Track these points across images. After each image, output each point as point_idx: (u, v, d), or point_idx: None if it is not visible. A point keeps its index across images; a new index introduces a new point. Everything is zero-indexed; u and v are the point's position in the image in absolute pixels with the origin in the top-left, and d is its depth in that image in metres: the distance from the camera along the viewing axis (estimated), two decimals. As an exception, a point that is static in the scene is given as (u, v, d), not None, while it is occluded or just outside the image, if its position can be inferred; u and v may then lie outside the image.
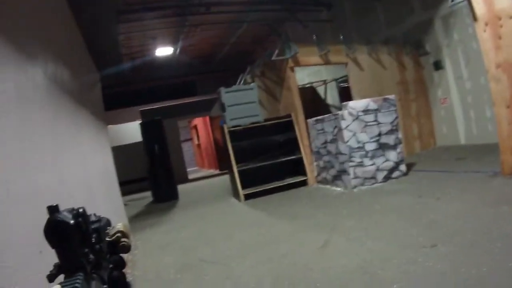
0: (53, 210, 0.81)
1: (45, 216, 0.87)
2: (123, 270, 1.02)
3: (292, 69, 8.24)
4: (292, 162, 8.38)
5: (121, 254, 1.03)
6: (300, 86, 9.82)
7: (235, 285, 3.61)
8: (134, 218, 8.34)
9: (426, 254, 3.33)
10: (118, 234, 1.00)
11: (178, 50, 12.34)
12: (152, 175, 10.65)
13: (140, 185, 13.45)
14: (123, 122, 14.77)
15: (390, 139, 7.09)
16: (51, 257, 0.90)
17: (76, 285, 0.72)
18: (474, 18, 5.52)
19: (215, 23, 11.24)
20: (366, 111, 6.96)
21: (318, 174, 8.16)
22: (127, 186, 12.86)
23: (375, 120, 7.02)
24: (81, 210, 0.85)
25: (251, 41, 10.97)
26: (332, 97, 11.81)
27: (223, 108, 8.12)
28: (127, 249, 1.02)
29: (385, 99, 7.15)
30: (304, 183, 8.27)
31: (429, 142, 10.10)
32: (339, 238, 4.40)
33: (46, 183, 2.57)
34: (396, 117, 7.19)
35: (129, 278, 4.26)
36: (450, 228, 3.88)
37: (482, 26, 5.41)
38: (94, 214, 0.96)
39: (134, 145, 13.95)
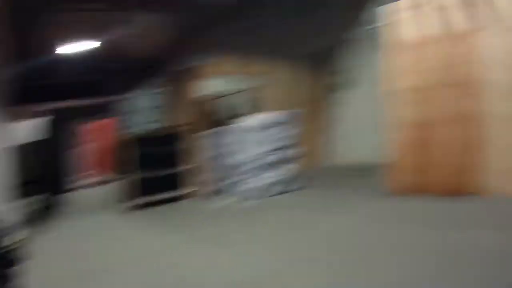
0: None
1: None
2: None
3: (200, 78, 8.18)
4: (185, 173, 8.02)
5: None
6: (205, 96, 9.75)
7: None
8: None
9: (314, 267, 3.48)
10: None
11: (87, 49, 11.88)
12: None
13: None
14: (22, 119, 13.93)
15: (287, 154, 7.19)
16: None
17: None
18: (381, 44, 5.88)
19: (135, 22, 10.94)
20: (266, 125, 7.02)
21: (212, 186, 8.03)
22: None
23: (276, 134, 7.10)
24: None
25: (165, 45, 10.77)
26: (243, 107, 11.85)
27: (125, 112, 7.87)
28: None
29: (289, 113, 7.31)
30: (195, 195, 7.92)
31: (325, 159, 10.40)
32: (227, 251, 4.37)
33: None
34: (295, 133, 7.32)
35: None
36: (336, 242, 4.13)
37: (388, 53, 5.78)
38: None
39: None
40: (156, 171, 7.74)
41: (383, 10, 6.02)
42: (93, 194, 12.14)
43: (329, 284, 3.10)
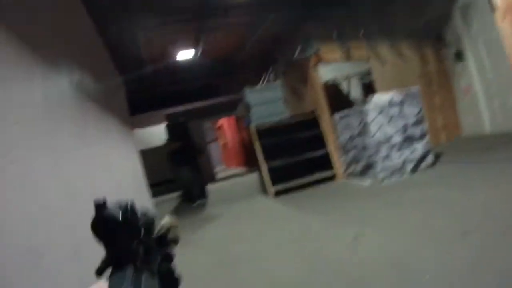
0: (100, 206, 0.79)
1: (78, 221, 0.87)
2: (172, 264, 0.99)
3: (314, 67, 8.33)
4: (319, 157, 8.44)
5: (170, 248, 1.01)
6: (323, 83, 9.90)
7: (269, 282, 3.67)
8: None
9: (458, 243, 3.34)
10: (168, 227, 0.98)
11: (199, 53, 12.50)
12: (180, 176, 10.81)
13: (169, 186, 13.59)
14: (149, 125, 14.99)
15: (416, 131, 7.10)
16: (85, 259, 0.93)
17: (126, 276, 0.74)
18: (492, 8, 5.57)
19: (234, 25, 11.36)
20: (390, 104, 6.98)
21: (346, 169, 8.22)
22: (157, 188, 13.07)
23: (400, 113, 7.03)
24: (129, 205, 0.82)
25: (272, 41, 11.03)
26: (355, 92, 11.83)
27: (248, 108, 8.25)
28: (176, 242, 0.99)
29: (409, 91, 7.18)
30: (332, 178, 8.34)
31: (454, 132, 10.06)
32: (369, 231, 4.41)
33: (78, 190, 2.65)
34: (421, 109, 7.20)
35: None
36: (481, 218, 3.86)
37: (501, 15, 5.45)
38: (142, 208, 0.90)
39: (161, 147, 14.16)
40: (292, 158, 8.13)
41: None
42: (231, 185, 12.62)
43: (478, 261, 2.99)
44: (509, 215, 3.70)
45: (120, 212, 0.80)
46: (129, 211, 0.82)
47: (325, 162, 8.45)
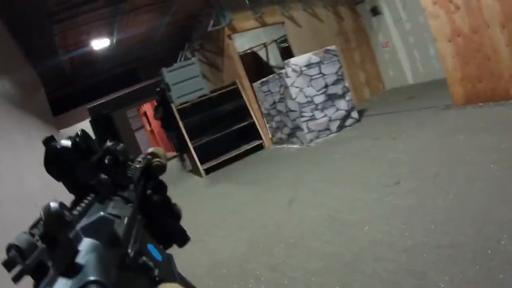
0: (48, 140, 0.71)
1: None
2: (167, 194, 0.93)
3: (230, 37, 8.18)
4: (245, 128, 8.37)
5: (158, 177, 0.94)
6: (241, 53, 9.76)
7: (211, 258, 3.63)
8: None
9: (391, 192, 3.41)
10: (149, 156, 0.93)
11: (114, 40, 12.03)
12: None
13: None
14: (75, 123, 14.41)
15: (337, 89, 7.16)
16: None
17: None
18: None
19: (147, 6, 10.99)
20: (309, 65, 6.98)
21: (273, 136, 8.19)
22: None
23: (320, 73, 7.06)
24: (79, 132, 0.74)
25: (185, 16, 10.76)
26: (274, 58, 11.79)
27: (167, 87, 8.00)
28: (161, 169, 0.94)
29: (326, 51, 7.20)
30: (260, 147, 8.31)
31: (377, 86, 10.25)
32: (304, 192, 4.47)
33: (8, 193, 2.48)
34: (340, 67, 7.25)
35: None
36: (411, 164, 3.96)
37: None
38: (108, 140, 0.84)
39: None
40: (218, 133, 8.03)
41: None
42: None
43: (412, 205, 3.06)
44: (435, 160, 3.80)
45: (70, 141, 0.70)
46: (79, 138, 0.72)
47: (251, 132, 8.38)
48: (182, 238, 0.92)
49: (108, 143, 0.82)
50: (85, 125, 12.32)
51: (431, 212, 2.76)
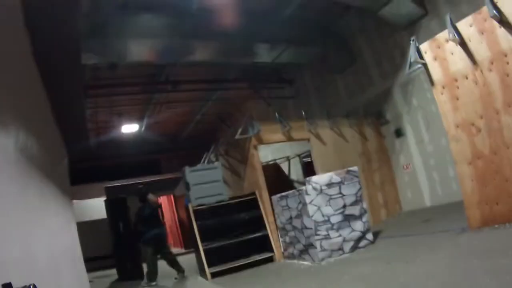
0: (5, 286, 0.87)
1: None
2: None
3: (255, 147, 8.37)
4: (258, 239, 8.28)
5: None
6: (263, 163, 9.93)
7: None
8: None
9: None
10: None
11: (143, 127, 12.45)
12: (117, 253, 10.36)
13: (105, 262, 12.94)
14: (88, 198, 14.51)
15: (355, 210, 7.14)
16: None
17: None
18: (431, 82, 5.85)
19: (181, 102, 11.47)
20: (329, 185, 7.04)
21: (285, 250, 8.08)
22: (92, 262, 12.39)
23: (339, 193, 7.10)
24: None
25: (215, 119, 11.20)
26: (296, 172, 11.95)
27: (187, 187, 8.12)
28: None
29: (348, 171, 7.29)
30: (271, 259, 8.15)
31: (394, 208, 10.20)
32: None
33: (13, 258, 2.48)
34: (360, 188, 7.30)
35: None
36: None
37: (439, 89, 5.73)
38: None
39: (99, 221, 13.63)
40: (230, 240, 7.96)
41: (425, 47, 6.02)
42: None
43: None
44: (447, 286, 3.73)
45: None
46: None
47: (264, 243, 8.29)
48: None
49: None
50: (99, 203, 12.39)
51: None
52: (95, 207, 14.37)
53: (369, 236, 7.21)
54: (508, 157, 5.01)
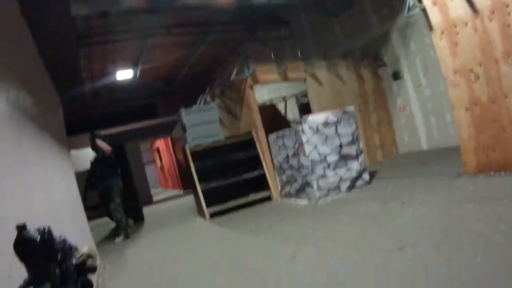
0: (21, 228, 0.88)
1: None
2: None
3: (251, 87, 8.30)
4: (255, 178, 8.37)
5: (88, 276, 1.06)
6: (260, 104, 9.88)
7: None
8: (102, 241, 8.14)
9: (395, 258, 3.36)
10: (84, 257, 1.03)
11: (138, 73, 12.29)
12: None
13: (105, 209, 13.07)
14: (86, 147, 14.50)
15: (351, 150, 7.18)
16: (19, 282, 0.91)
17: None
18: (430, 27, 5.73)
19: (175, 45, 11.26)
20: (326, 124, 7.04)
21: (282, 189, 8.17)
22: (93, 211, 12.52)
23: (336, 132, 7.11)
24: (46, 229, 0.90)
25: (210, 61, 11.04)
26: (292, 113, 11.91)
27: (184, 128, 8.10)
28: (93, 270, 1.06)
29: (344, 111, 7.26)
30: (268, 199, 8.28)
31: (391, 150, 10.26)
32: (307, 249, 4.42)
33: (11, 211, 2.48)
34: (356, 128, 7.31)
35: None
36: (417, 230, 3.91)
37: (438, 35, 5.62)
38: (60, 236, 0.98)
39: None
40: (227, 180, 8.03)
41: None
42: (167, 208, 12.55)
43: (414, 273, 3.01)
44: (442, 228, 3.77)
45: (38, 234, 0.88)
46: (46, 234, 0.90)
47: (261, 183, 8.38)
48: None
49: (60, 239, 0.97)
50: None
51: (434, 281, 2.72)
52: (92, 155, 14.38)
53: (366, 176, 7.28)
54: (506, 106, 4.97)
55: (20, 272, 1.01)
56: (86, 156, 14.94)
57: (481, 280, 2.54)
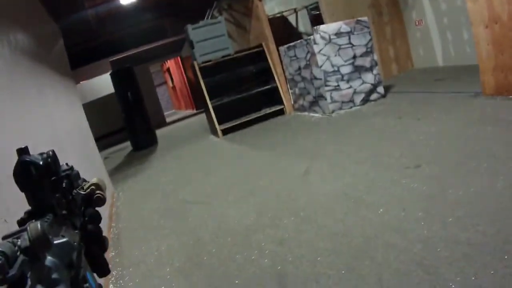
0: (22, 152, 0.76)
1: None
2: (99, 225, 0.96)
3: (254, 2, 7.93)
4: (267, 92, 8.23)
5: (96, 208, 0.98)
6: (270, 16, 9.50)
7: (218, 223, 3.58)
8: (115, 170, 8.13)
9: (411, 175, 3.27)
10: (93, 187, 0.95)
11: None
12: (128, 124, 10.35)
13: (119, 136, 13.19)
14: (96, 75, 14.36)
15: (365, 61, 6.94)
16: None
17: (45, 222, 0.66)
18: None
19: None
20: (338, 34, 6.75)
21: (295, 102, 8.05)
22: (106, 139, 12.62)
23: (349, 43, 6.83)
24: (50, 152, 0.80)
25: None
26: (304, 25, 11.48)
27: (191, 45, 7.86)
28: (102, 201, 0.97)
29: (358, 21, 6.94)
30: (281, 112, 8.20)
31: (406, 64, 9.93)
32: (321, 164, 4.37)
33: (10, 147, 2.39)
34: (370, 39, 7.01)
35: (114, 231, 4.28)
36: (434, 148, 3.78)
37: None
38: (66, 164, 0.91)
39: (107, 97, 13.63)
40: (239, 94, 7.92)
41: None
42: (180, 128, 12.61)
43: (432, 193, 2.90)
44: (459, 149, 3.61)
45: (41, 159, 0.77)
46: (51, 157, 0.79)
47: (274, 96, 8.24)
48: (102, 270, 0.93)
49: (65, 167, 0.88)
50: (105, 78, 12.27)
51: (451, 203, 2.62)
52: (102, 84, 14.30)
53: (380, 89, 7.08)
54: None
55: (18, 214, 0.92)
56: (97, 84, 14.95)
57: (500, 208, 2.38)
